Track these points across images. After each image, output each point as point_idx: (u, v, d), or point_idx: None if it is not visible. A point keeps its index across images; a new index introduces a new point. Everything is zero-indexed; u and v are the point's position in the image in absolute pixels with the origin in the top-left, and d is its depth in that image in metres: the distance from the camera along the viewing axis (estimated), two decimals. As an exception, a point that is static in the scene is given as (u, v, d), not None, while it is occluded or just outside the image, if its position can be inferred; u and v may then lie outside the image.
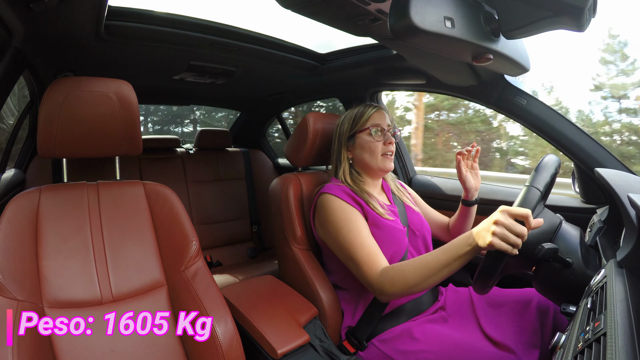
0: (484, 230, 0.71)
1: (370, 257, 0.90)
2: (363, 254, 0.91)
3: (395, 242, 0.99)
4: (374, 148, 1.07)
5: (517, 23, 0.64)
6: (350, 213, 0.98)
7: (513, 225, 0.67)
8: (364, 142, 1.08)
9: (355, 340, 0.99)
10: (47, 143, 0.85)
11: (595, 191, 1.12)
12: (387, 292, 0.85)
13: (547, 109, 1.13)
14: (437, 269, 0.78)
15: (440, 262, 0.78)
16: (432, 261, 0.79)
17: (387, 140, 1.08)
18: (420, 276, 0.80)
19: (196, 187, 2.12)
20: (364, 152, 1.08)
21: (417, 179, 1.67)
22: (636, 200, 0.59)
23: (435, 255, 0.79)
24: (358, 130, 1.09)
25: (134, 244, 0.92)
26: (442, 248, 0.80)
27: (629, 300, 0.48)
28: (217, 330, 0.80)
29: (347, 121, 1.11)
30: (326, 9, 0.81)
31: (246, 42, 1.30)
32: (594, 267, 0.76)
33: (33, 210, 0.83)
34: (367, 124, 1.08)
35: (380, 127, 1.08)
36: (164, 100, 2.20)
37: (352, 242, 0.94)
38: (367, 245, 0.92)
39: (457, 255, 0.75)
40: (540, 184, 0.75)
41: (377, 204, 1.03)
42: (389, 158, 1.08)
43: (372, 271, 0.88)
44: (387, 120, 1.10)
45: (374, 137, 1.07)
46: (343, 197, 1.01)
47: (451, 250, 0.77)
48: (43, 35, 1.00)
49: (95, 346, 0.80)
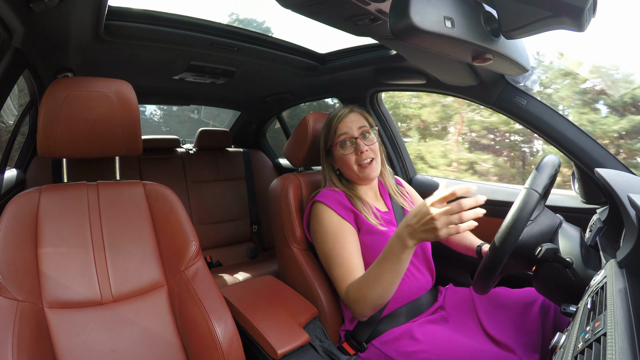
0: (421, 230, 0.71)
1: (345, 276, 0.92)
2: (340, 272, 0.93)
3: None
4: (347, 161, 1.04)
5: (517, 23, 0.64)
6: (338, 227, 0.98)
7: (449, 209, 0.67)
8: (338, 157, 1.07)
9: (355, 342, 0.99)
10: (47, 143, 0.85)
11: (595, 191, 1.12)
12: (357, 312, 0.87)
13: (547, 109, 1.13)
14: (387, 278, 0.79)
15: (384, 270, 0.79)
16: (377, 271, 0.81)
17: (359, 150, 1.03)
18: (377, 289, 0.81)
19: (196, 187, 2.12)
20: (342, 166, 1.07)
21: (417, 179, 1.67)
22: (636, 201, 0.59)
23: (378, 266, 0.81)
24: (332, 145, 1.08)
25: (133, 244, 0.92)
26: (381, 256, 0.81)
27: (629, 300, 0.48)
28: (217, 330, 0.80)
29: (323, 133, 1.10)
30: (326, 9, 0.81)
31: (246, 42, 1.30)
32: (594, 267, 0.76)
33: (33, 210, 0.83)
34: (336, 137, 1.06)
35: (348, 135, 1.03)
36: (164, 100, 2.21)
37: (332, 258, 0.95)
38: (346, 263, 0.93)
39: (398, 259, 0.77)
40: (539, 185, 0.75)
41: (370, 213, 1.02)
42: (366, 167, 1.03)
43: (342, 290, 0.92)
44: (357, 124, 1.05)
45: (344, 150, 1.04)
46: (336, 207, 1.00)
47: (388, 257, 0.78)
48: (43, 35, 1.00)
49: (95, 346, 0.80)
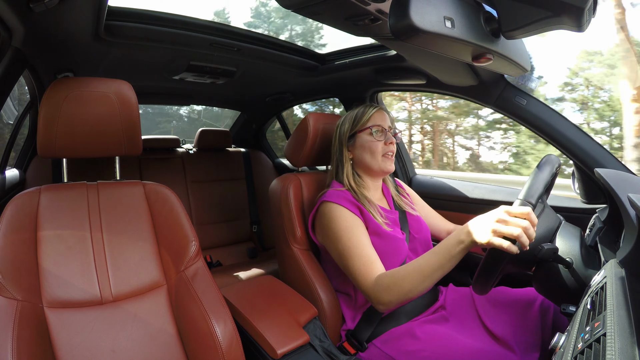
0: (480, 227, 0.71)
1: (367, 267, 0.91)
2: (360, 263, 0.92)
3: (395, 251, 0.99)
4: (374, 148, 1.06)
5: (517, 23, 0.64)
6: (352, 221, 0.98)
7: (515, 220, 0.67)
8: (365, 142, 1.07)
9: (356, 341, 0.99)
10: (47, 143, 0.85)
11: (595, 191, 1.12)
12: (384, 301, 0.85)
13: (547, 109, 1.13)
14: (431, 272, 0.78)
15: (433, 265, 0.78)
16: (424, 264, 0.79)
17: (387, 140, 1.07)
18: (414, 281, 0.80)
19: (196, 187, 2.12)
20: (365, 152, 1.07)
21: (417, 179, 1.67)
22: (636, 201, 0.59)
23: (427, 259, 0.80)
24: (359, 130, 1.09)
25: (133, 244, 0.92)
26: (434, 250, 0.80)
27: (629, 301, 0.48)
28: (216, 331, 0.80)
29: (347, 121, 1.11)
30: (326, 9, 0.81)
31: (246, 42, 1.30)
32: (594, 267, 0.76)
33: (33, 210, 0.83)
34: (368, 124, 1.08)
35: (381, 127, 1.07)
36: (164, 100, 2.21)
37: (350, 251, 0.94)
38: (365, 254, 0.93)
39: (450, 256, 0.76)
40: (533, 197, 0.73)
41: (377, 213, 1.03)
42: (389, 159, 1.07)
43: (368, 280, 0.89)
44: (388, 121, 1.10)
45: (374, 136, 1.06)
46: (345, 204, 1.00)
47: (442, 252, 0.77)
48: (43, 35, 1.00)
49: (95, 346, 0.80)
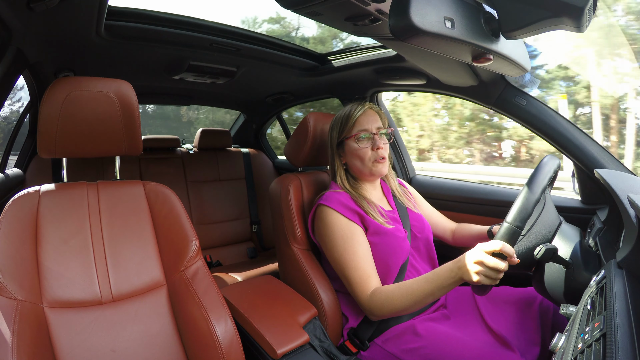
0: (466, 268, 0.76)
1: (362, 280, 0.93)
2: (356, 275, 0.94)
3: (397, 249, 0.99)
4: (362, 155, 1.03)
5: (517, 23, 0.64)
6: (347, 230, 0.97)
7: (494, 264, 0.72)
8: (352, 150, 1.04)
9: (358, 340, 0.99)
10: (47, 143, 0.85)
11: (595, 192, 1.12)
12: (377, 314, 0.91)
13: (546, 110, 1.13)
14: (423, 297, 0.84)
15: (426, 292, 0.84)
16: (417, 290, 0.85)
17: (375, 146, 1.02)
18: (405, 303, 0.86)
19: (196, 187, 2.12)
20: (354, 160, 1.05)
21: (417, 179, 1.67)
22: (636, 201, 0.59)
23: (421, 285, 0.85)
24: (345, 137, 1.05)
25: (133, 244, 0.91)
26: (427, 277, 0.85)
27: (629, 301, 0.48)
28: (216, 331, 0.80)
29: (336, 126, 1.08)
30: (326, 9, 0.81)
31: (246, 42, 1.30)
32: (594, 268, 0.76)
33: (33, 210, 0.83)
34: (354, 130, 1.03)
35: (368, 131, 1.03)
36: (164, 100, 2.21)
37: (346, 262, 0.96)
38: (361, 267, 0.94)
39: (441, 287, 0.81)
40: (518, 220, 0.75)
41: (376, 213, 1.02)
42: (380, 162, 1.03)
43: (363, 293, 0.93)
44: (377, 122, 1.05)
45: (360, 144, 1.03)
46: (342, 210, 0.99)
47: (435, 281, 0.83)
48: (43, 35, 1.00)
49: (95, 346, 0.80)
